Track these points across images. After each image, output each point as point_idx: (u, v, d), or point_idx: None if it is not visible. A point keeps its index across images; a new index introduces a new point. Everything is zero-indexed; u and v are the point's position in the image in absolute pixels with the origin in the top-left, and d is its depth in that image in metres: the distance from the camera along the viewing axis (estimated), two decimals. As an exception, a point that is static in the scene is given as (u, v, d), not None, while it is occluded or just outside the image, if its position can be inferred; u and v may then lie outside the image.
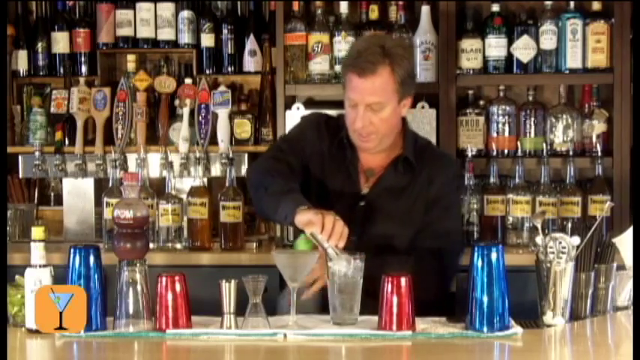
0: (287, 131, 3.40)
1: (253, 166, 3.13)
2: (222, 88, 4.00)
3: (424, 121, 3.90)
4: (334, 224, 2.60)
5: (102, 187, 3.99)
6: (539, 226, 2.68)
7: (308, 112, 3.69)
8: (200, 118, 3.97)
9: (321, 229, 2.58)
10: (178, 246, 3.82)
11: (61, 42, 4.18)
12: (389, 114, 2.89)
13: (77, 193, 4.06)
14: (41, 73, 4.24)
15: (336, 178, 2.98)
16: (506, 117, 3.98)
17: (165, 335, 2.46)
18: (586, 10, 3.95)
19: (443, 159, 3.09)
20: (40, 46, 4.21)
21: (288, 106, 3.93)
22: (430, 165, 2.98)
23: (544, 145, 3.87)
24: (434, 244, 2.90)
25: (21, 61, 4.22)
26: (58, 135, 4.05)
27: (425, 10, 3.96)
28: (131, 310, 2.49)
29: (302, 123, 3.17)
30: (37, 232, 2.52)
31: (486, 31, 3.95)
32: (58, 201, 4.18)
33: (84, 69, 4.18)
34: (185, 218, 3.82)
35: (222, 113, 3.96)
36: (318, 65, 3.94)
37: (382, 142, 2.95)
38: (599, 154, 3.86)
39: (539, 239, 2.64)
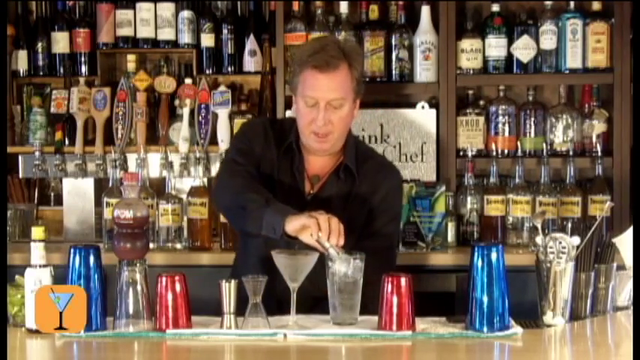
0: (233, 141, 3.26)
1: (219, 191, 2.97)
2: (222, 88, 4.00)
3: (424, 121, 3.91)
4: (330, 222, 2.56)
5: (102, 187, 3.99)
6: (539, 226, 2.68)
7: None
8: (200, 118, 3.97)
9: (318, 230, 2.54)
10: (178, 246, 3.82)
11: (61, 42, 4.18)
12: (346, 112, 2.87)
13: (77, 193, 4.06)
14: (41, 73, 4.23)
15: (283, 183, 2.93)
16: (506, 117, 3.97)
17: (166, 335, 2.46)
18: (586, 10, 3.95)
19: (386, 169, 3.03)
20: (40, 46, 4.21)
21: (288, 106, 3.92)
22: (373, 175, 2.95)
23: (544, 145, 3.87)
24: (376, 254, 2.78)
25: (21, 61, 4.21)
26: (58, 135, 4.05)
27: (425, 10, 3.96)
28: (131, 310, 2.49)
29: (247, 129, 3.11)
30: (37, 232, 2.52)
31: (486, 31, 3.95)
32: (58, 201, 4.18)
33: (84, 69, 4.18)
34: (185, 218, 3.83)
35: (222, 113, 3.96)
36: (318, 65, 3.94)
37: (336, 144, 2.92)
38: (599, 154, 3.86)
39: (539, 239, 2.64)
